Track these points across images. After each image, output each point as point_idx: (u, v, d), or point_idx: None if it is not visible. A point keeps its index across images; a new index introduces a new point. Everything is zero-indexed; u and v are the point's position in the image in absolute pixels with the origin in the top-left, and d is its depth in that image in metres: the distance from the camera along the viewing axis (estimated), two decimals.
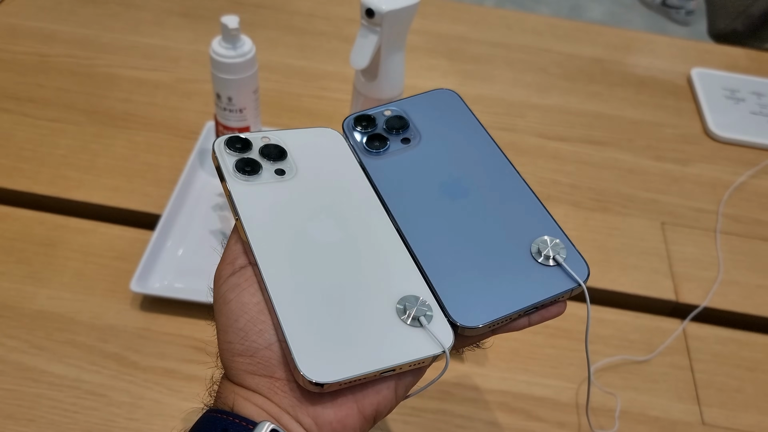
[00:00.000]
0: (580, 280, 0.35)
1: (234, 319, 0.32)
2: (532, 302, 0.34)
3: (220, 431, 0.30)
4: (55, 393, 0.60)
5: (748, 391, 0.68)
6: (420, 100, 0.43)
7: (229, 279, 0.33)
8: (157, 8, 1.07)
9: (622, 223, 0.83)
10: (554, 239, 0.36)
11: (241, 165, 0.37)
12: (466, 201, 0.38)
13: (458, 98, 0.44)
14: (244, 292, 0.33)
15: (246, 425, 0.30)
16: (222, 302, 0.33)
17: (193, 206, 0.76)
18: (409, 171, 0.39)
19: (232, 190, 0.36)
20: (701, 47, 1.18)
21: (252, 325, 0.32)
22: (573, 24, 1.19)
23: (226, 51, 0.68)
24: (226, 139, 0.38)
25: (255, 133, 0.39)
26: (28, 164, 0.80)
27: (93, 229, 0.74)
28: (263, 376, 0.31)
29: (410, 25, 0.65)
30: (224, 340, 0.32)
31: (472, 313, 0.33)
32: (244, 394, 0.32)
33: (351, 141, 0.41)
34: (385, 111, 0.42)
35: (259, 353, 0.31)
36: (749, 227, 0.85)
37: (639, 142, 0.96)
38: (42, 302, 0.66)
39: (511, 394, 0.65)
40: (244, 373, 0.32)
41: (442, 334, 0.33)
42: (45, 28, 1.01)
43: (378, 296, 0.33)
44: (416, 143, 0.41)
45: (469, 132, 0.42)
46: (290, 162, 0.38)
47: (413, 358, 0.32)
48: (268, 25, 1.06)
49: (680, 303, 0.75)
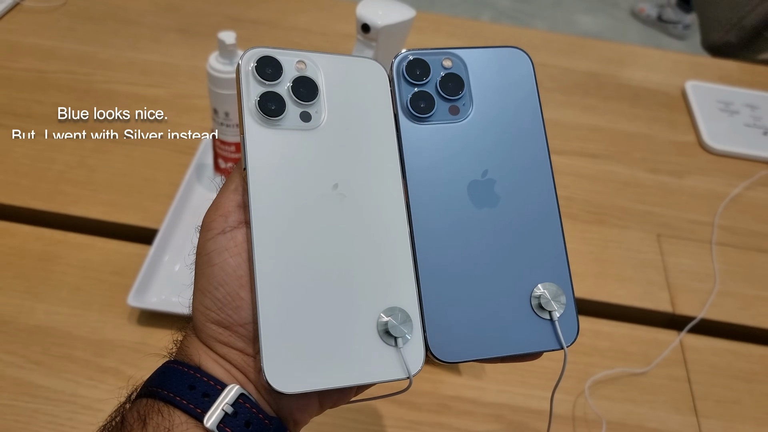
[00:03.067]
0: (566, 344, 0.34)
1: (214, 286, 0.31)
2: (513, 353, 0.34)
3: (186, 387, 0.30)
4: (51, 408, 0.60)
5: (746, 402, 0.68)
6: (486, 56, 0.37)
7: (217, 237, 0.32)
8: (154, 25, 1.08)
9: (618, 236, 0.83)
10: (558, 292, 0.34)
11: (265, 101, 0.33)
12: (490, 212, 0.35)
13: (528, 63, 0.38)
14: (230, 260, 0.31)
15: (214, 384, 0.30)
16: (205, 261, 0.31)
17: (190, 221, 0.76)
18: (445, 152, 0.35)
19: (247, 133, 0.32)
20: (695, 60, 1.19)
21: (230, 299, 0.31)
22: (568, 38, 1.20)
23: (223, 66, 0.69)
24: (258, 60, 0.33)
25: (291, 54, 0.34)
26: (25, 179, 0.80)
27: (90, 244, 0.74)
28: (234, 348, 0.31)
29: (406, 40, 0.66)
30: (200, 302, 0.31)
31: (451, 348, 0.33)
32: (213, 356, 0.31)
33: (396, 88, 0.35)
34: (445, 60, 0.36)
35: (232, 327, 0.31)
36: (744, 239, 0.85)
37: (634, 154, 0.96)
38: (39, 317, 0.66)
39: (509, 406, 0.65)
40: (214, 341, 0.31)
41: (413, 359, 0.32)
42: (43, 44, 1.01)
43: (363, 302, 0.32)
44: (464, 116, 0.36)
45: (523, 117, 0.37)
46: (320, 105, 0.34)
47: (379, 379, 0.31)
48: (265, 41, 1.06)
49: (677, 315, 0.75)
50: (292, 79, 0.34)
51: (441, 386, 0.65)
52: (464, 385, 0.66)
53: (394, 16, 0.63)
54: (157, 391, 0.30)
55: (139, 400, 0.31)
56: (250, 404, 0.30)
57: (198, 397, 0.29)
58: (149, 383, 0.31)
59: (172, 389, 0.30)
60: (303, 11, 1.16)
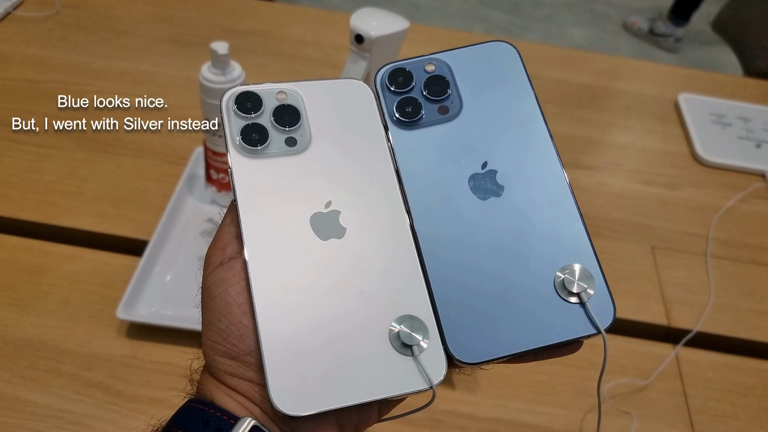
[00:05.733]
0: (602, 327, 0.31)
1: (216, 318, 0.31)
2: (542, 344, 0.31)
3: (200, 423, 0.30)
4: (37, 423, 0.59)
5: (742, 416, 0.67)
6: (470, 54, 0.37)
7: (216, 270, 0.32)
8: (147, 35, 1.08)
9: (612, 248, 0.83)
10: (585, 271, 0.32)
11: (248, 132, 0.33)
12: (497, 202, 0.33)
13: (515, 55, 0.37)
14: (230, 290, 0.31)
15: (227, 419, 0.29)
16: (207, 296, 0.32)
17: (181, 232, 0.75)
18: (440, 152, 0.34)
19: (233, 165, 0.33)
20: (687, 73, 1.20)
21: (234, 329, 0.30)
22: (561, 50, 1.20)
23: (216, 77, 0.68)
24: (237, 96, 0.34)
25: (269, 87, 0.35)
26: (15, 190, 0.79)
27: (80, 256, 0.73)
28: (243, 379, 0.31)
29: (399, 52, 0.65)
30: (207, 337, 0.31)
31: (473, 348, 0.30)
32: (225, 389, 0.31)
33: (382, 100, 0.35)
34: (427, 65, 0.36)
35: (240, 357, 0.31)
36: (739, 251, 0.85)
37: (628, 166, 0.96)
38: (26, 330, 0.65)
39: (503, 421, 0.64)
40: (224, 374, 0.31)
41: (434, 367, 0.30)
42: (35, 54, 1.01)
43: (372, 314, 0.31)
44: (454, 114, 0.35)
45: (518, 106, 0.36)
46: (304, 128, 0.34)
47: (398, 392, 0.30)
48: (258, 52, 1.06)
49: (672, 327, 0.74)
50: (273, 109, 0.34)
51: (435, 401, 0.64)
52: (458, 400, 0.65)
53: (387, 27, 0.62)
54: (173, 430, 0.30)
55: None
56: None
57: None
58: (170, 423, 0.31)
59: (187, 427, 0.30)
60: (296, 22, 1.16)
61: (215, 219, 0.73)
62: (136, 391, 0.62)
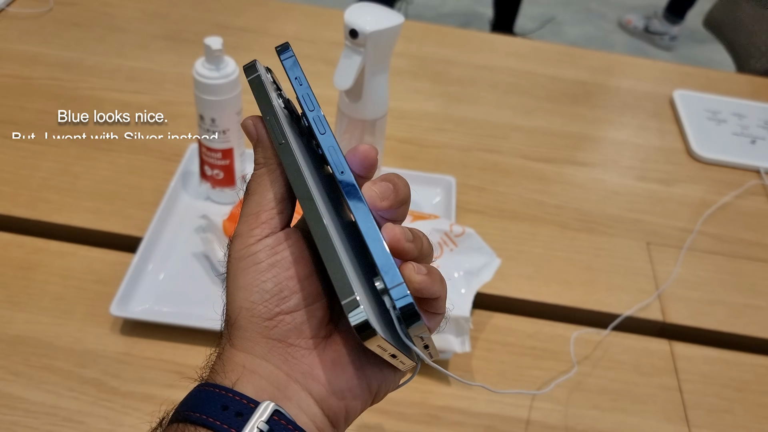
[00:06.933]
0: None
1: (262, 280, 0.32)
2: None
3: (219, 407, 0.29)
4: (30, 420, 0.58)
5: (738, 411, 0.67)
6: None
7: (264, 240, 0.32)
8: (141, 32, 1.07)
9: (607, 244, 0.83)
10: None
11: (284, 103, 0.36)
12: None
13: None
14: (279, 256, 0.32)
15: (247, 403, 0.29)
16: (251, 261, 0.32)
17: (175, 229, 0.75)
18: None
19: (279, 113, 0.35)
20: (682, 70, 1.20)
21: (279, 290, 0.31)
22: (556, 47, 1.20)
23: (210, 72, 0.68)
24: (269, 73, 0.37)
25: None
26: (7, 186, 0.79)
27: (73, 252, 0.72)
28: (278, 340, 0.31)
29: (394, 47, 0.65)
30: (246, 299, 0.32)
31: None
32: (251, 365, 0.31)
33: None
34: None
35: (277, 317, 0.31)
36: (734, 247, 0.85)
37: (623, 162, 0.96)
38: (19, 327, 0.65)
39: (499, 417, 0.64)
40: (258, 336, 0.31)
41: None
42: (28, 50, 1.00)
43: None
44: None
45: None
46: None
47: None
48: (252, 48, 1.06)
49: (667, 323, 0.74)
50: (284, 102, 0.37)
51: (430, 397, 0.64)
52: (454, 396, 0.65)
53: (382, 22, 0.62)
54: (189, 415, 0.30)
55: (170, 426, 0.31)
56: (285, 420, 0.29)
57: (231, 417, 0.29)
58: (181, 407, 0.31)
59: (205, 411, 0.29)
60: (291, 18, 1.16)
61: (209, 215, 0.72)
62: (130, 388, 0.61)
